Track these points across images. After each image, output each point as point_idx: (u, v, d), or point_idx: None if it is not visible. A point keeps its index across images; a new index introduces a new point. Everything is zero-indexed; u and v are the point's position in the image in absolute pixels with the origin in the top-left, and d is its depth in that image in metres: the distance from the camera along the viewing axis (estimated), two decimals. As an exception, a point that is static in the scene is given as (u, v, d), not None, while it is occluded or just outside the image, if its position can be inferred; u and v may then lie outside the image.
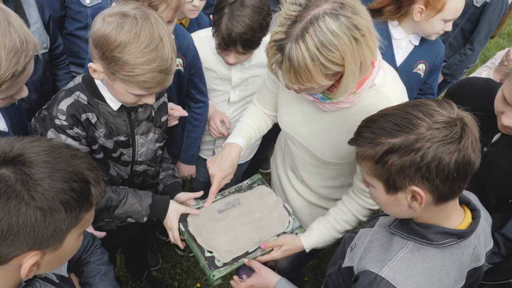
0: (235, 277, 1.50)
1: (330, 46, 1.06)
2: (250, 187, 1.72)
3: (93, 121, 1.37)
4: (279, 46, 1.12)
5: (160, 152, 1.63)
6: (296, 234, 1.57)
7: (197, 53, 1.87)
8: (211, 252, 1.47)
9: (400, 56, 2.08)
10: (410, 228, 1.08)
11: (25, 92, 1.15)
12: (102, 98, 1.38)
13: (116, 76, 1.22)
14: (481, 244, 1.14)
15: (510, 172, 1.39)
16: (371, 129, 1.01)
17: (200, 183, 2.39)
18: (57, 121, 1.31)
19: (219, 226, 1.53)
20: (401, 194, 1.01)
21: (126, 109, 1.42)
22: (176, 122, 1.76)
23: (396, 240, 1.11)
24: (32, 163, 0.75)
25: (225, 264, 1.45)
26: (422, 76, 2.12)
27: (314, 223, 1.57)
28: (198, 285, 2.54)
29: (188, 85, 1.92)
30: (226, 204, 1.61)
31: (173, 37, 1.40)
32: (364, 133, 1.02)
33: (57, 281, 1.01)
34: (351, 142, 1.08)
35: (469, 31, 2.99)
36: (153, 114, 1.53)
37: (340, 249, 1.41)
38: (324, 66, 1.09)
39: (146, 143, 1.53)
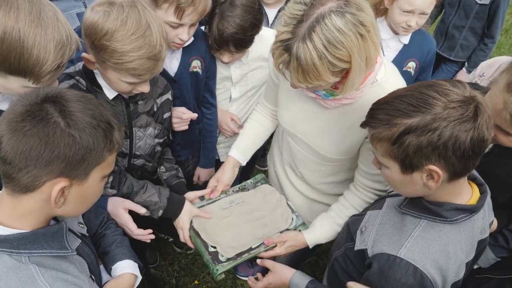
0: (251, 278, 1.50)
1: (337, 44, 1.07)
2: (254, 186, 1.74)
3: None
4: (286, 46, 1.12)
5: (159, 148, 1.62)
6: (299, 230, 1.58)
7: (213, 55, 1.85)
8: (214, 247, 1.48)
9: (390, 56, 2.10)
10: (422, 207, 1.10)
11: (55, 84, 1.20)
12: (100, 87, 1.39)
13: (107, 64, 1.25)
14: (486, 216, 1.18)
15: (504, 181, 1.43)
16: (386, 110, 1.02)
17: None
18: None
19: (223, 223, 1.55)
20: (417, 173, 1.02)
21: (125, 100, 1.43)
22: (186, 127, 1.75)
23: (408, 219, 1.13)
24: (68, 100, 0.88)
25: (228, 259, 1.46)
26: (412, 74, 2.14)
27: (317, 219, 1.58)
28: (196, 282, 2.54)
29: (204, 89, 1.92)
30: (230, 202, 1.63)
31: (192, 38, 1.48)
32: (379, 115, 1.03)
33: (79, 234, 1.11)
34: (364, 124, 1.09)
35: (480, 28, 3.00)
36: (155, 109, 1.53)
37: (343, 232, 1.43)
38: (332, 64, 1.10)
39: (144, 137, 1.53)
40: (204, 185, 2.71)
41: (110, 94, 1.39)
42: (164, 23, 1.48)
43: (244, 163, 1.72)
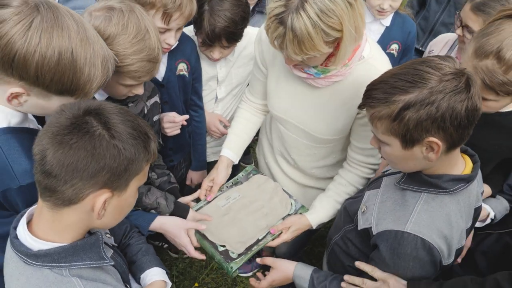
0: (252, 279, 1.50)
1: (329, 13, 1.13)
2: (246, 178, 1.75)
3: None
4: (280, 20, 1.16)
5: None
6: (300, 213, 1.61)
7: (199, 57, 1.87)
8: (223, 246, 1.49)
9: (373, 38, 2.13)
10: (421, 181, 1.14)
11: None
12: None
13: None
14: (479, 185, 1.24)
15: (487, 151, 1.46)
16: (383, 89, 1.06)
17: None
18: None
19: (225, 220, 1.55)
20: (417, 147, 1.07)
21: (115, 102, 1.43)
22: (178, 131, 1.75)
23: (408, 194, 1.17)
24: (110, 112, 0.88)
25: (239, 255, 1.47)
26: (396, 56, 2.20)
27: (316, 200, 1.62)
28: (196, 284, 2.55)
29: (191, 92, 1.93)
30: (227, 198, 1.64)
31: (176, 42, 1.50)
32: (377, 94, 1.07)
33: (111, 245, 1.13)
34: (362, 105, 1.12)
35: None
36: (145, 112, 1.54)
37: (341, 216, 1.46)
38: (325, 33, 1.15)
39: None
40: (197, 188, 2.72)
41: (100, 97, 1.39)
42: None
43: (237, 161, 1.74)
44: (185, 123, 1.74)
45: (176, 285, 2.53)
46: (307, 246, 2.74)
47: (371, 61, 1.39)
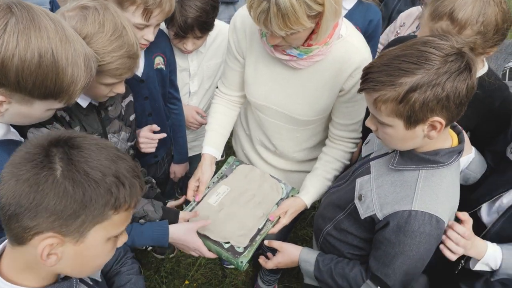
0: (262, 257, 1.54)
1: None
2: (231, 170, 1.73)
3: (67, 119, 1.34)
4: None
5: (132, 151, 1.60)
6: (293, 196, 1.63)
7: (173, 49, 1.87)
8: (228, 242, 1.48)
9: None
10: (418, 159, 1.17)
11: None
12: None
13: None
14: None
15: (468, 128, 1.50)
16: (387, 72, 1.05)
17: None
18: None
19: (221, 217, 1.54)
20: (419, 127, 1.08)
21: (96, 108, 1.40)
22: (153, 149, 1.69)
23: (406, 174, 1.20)
24: (78, 146, 0.78)
25: (245, 248, 1.47)
26: None
27: (306, 180, 1.64)
28: (186, 282, 2.53)
29: (169, 84, 1.91)
30: (216, 194, 1.62)
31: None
32: (381, 77, 1.06)
33: (91, 283, 1.00)
34: (365, 89, 1.11)
35: None
36: (123, 113, 1.51)
37: (326, 207, 1.47)
38: (308, 6, 1.18)
39: (119, 142, 1.51)
40: (181, 181, 2.68)
41: (83, 102, 1.35)
42: None
43: (219, 157, 1.73)
44: (163, 136, 1.70)
45: (167, 285, 2.51)
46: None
47: (349, 39, 1.43)
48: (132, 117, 1.57)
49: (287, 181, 1.79)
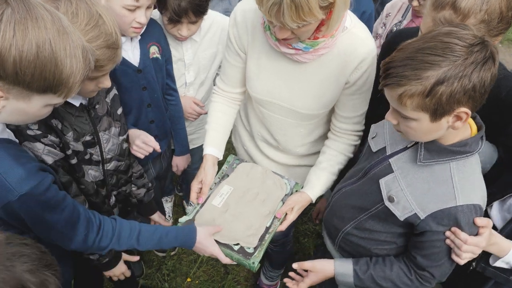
0: (288, 282, 1.46)
1: None
2: (232, 170, 1.69)
3: (59, 126, 1.30)
4: None
5: (125, 145, 1.56)
6: (297, 191, 1.61)
7: (167, 38, 1.84)
8: (237, 244, 1.44)
9: None
10: (447, 152, 1.15)
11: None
12: None
13: None
14: None
15: None
16: (412, 66, 1.01)
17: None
18: (29, 132, 1.23)
19: (227, 218, 1.50)
20: (444, 118, 1.06)
21: (86, 108, 1.37)
22: (142, 156, 1.63)
23: (436, 168, 1.17)
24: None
25: (255, 248, 1.43)
26: None
27: (310, 175, 1.61)
28: (188, 279, 2.51)
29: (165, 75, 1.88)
30: (220, 195, 1.57)
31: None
32: (405, 72, 1.02)
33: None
34: (388, 85, 1.06)
35: None
36: (109, 108, 1.47)
37: (341, 208, 1.43)
38: None
39: (111, 138, 1.47)
40: (180, 177, 2.65)
41: (75, 101, 1.31)
42: (121, 8, 1.47)
43: (221, 157, 1.69)
44: (158, 150, 1.64)
45: (169, 283, 2.49)
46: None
47: (354, 31, 1.41)
48: (119, 111, 1.53)
49: (290, 176, 1.76)
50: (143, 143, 1.58)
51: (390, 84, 1.06)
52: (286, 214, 1.54)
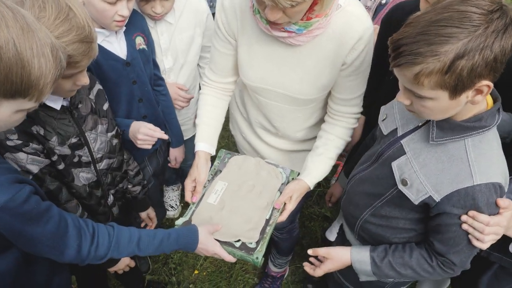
0: (307, 264, 1.43)
1: None
2: (224, 165, 1.63)
3: (41, 132, 1.23)
4: None
5: (116, 140, 1.50)
6: (293, 179, 1.55)
7: (149, 30, 1.76)
8: (238, 240, 1.39)
9: None
10: (462, 128, 1.06)
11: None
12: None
13: None
14: None
15: None
16: (426, 41, 0.91)
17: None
18: (9, 143, 1.16)
19: (224, 215, 1.44)
20: (464, 94, 0.97)
21: (68, 109, 1.30)
22: (150, 146, 1.56)
23: (450, 147, 1.09)
24: None
25: (257, 243, 1.38)
26: None
27: (307, 161, 1.55)
28: (196, 272, 2.48)
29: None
30: (215, 192, 1.51)
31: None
32: (420, 49, 0.92)
33: None
34: (401, 64, 0.96)
35: None
36: (94, 106, 1.40)
37: (356, 196, 1.38)
38: None
39: (98, 137, 1.41)
40: (182, 167, 2.59)
41: (56, 104, 1.24)
42: (100, 2, 1.40)
43: (214, 153, 1.63)
44: (165, 136, 1.58)
45: (176, 277, 2.46)
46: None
47: (348, 8, 1.32)
48: (105, 106, 1.46)
49: (289, 161, 1.72)
50: (146, 135, 1.52)
51: (404, 63, 0.95)
52: (285, 203, 1.48)
